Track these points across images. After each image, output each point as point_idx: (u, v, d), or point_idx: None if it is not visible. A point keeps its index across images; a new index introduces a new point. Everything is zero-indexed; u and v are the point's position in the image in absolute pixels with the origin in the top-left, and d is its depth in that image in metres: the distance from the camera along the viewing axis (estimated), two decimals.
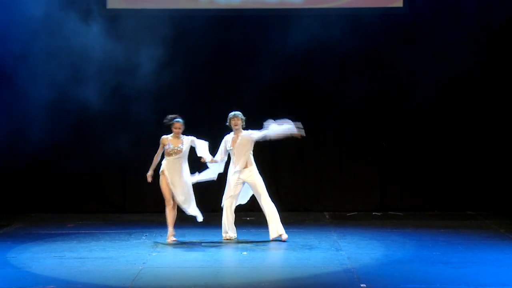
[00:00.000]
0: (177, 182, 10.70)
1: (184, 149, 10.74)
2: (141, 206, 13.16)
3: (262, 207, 10.90)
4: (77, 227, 12.08)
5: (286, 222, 11.06)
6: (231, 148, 10.86)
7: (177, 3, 13.26)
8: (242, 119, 10.95)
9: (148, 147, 11.59)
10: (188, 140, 10.79)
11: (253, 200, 13.25)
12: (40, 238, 11.17)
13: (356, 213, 13.32)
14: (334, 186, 13.49)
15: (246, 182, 10.91)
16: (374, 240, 10.93)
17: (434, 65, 13.30)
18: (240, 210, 13.34)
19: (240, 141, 10.86)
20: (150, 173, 10.78)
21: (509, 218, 12.64)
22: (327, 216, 13.04)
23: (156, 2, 13.21)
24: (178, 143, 10.73)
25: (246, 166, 10.86)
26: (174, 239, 10.82)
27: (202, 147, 10.82)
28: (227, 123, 10.93)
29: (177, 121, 10.76)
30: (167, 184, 10.69)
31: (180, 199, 10.74)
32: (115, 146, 13.01)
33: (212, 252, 10.20)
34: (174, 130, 10.75)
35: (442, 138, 13.44)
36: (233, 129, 10.93)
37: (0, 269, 9.18)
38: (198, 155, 10.78)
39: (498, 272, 8.95)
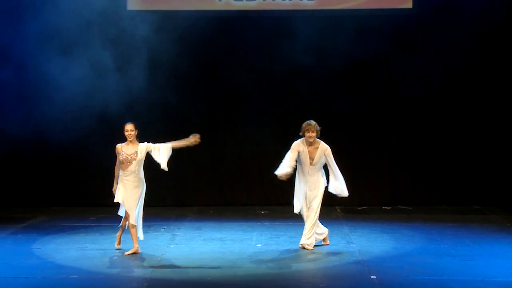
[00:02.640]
0: (133, 205, 9.71)
1: (139, 156, 9.60)
2: (160, 200, 13.21)
3: (307, 211, 9.99)
4: (99, 220, 12.26)
5: (298, 216, 11.08)
6: (310, 161, 9.77)
7: (193, 4, 13.33)
8: (317, 130, 9.75)
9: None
10: (144, 147, 9.62)
11: (266, 194, 13.52)
12: (63, 230, 11.39)
13: (366, 207, 13.47)
14: (345, 181, 13.48)
15: (308, 191, 9.94)
16: (384, 233, 11.10)
17: (443, 62, 13.39)
18: (253, 204, 13.57)
19: (319, 153, 9.80)
20: (115, 187, 9.77)
21: None
22: (338, 210, 13.17)
23: (174, 4, 13.31)
24: (132, 150, 9.63)
25: (315, 177, 9.92)
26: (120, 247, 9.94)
27: (161, 152, 9.60)
28: (300, 133, 9.82)
29: (127, 124, 9.68)
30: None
31: (131, 222, 9.71)
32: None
33: (227, 245, 10.34)
34: (125, 134, 9.63)
35: (450, 134, 13.55)
36: (307, 140, 9.78)
37: (25, 260, 9.42)
38: (156, 159, 9.61)
39: (504, 264, 9.11)
